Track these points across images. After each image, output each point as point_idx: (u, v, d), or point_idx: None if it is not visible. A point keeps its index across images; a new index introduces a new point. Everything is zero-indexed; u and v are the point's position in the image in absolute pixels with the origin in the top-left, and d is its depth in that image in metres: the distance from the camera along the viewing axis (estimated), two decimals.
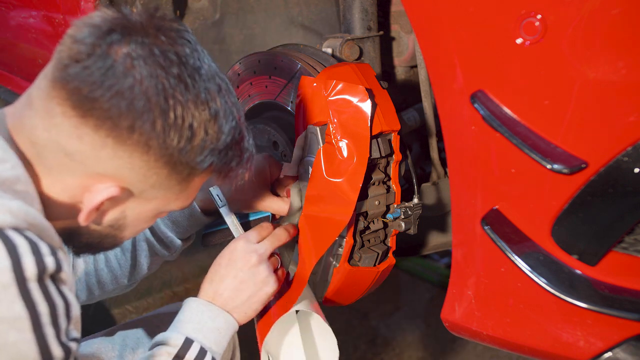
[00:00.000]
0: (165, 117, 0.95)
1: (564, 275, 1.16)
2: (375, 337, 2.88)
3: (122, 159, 0.97)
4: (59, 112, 0.95)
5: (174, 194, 1.05)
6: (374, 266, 1.39)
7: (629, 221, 1.11)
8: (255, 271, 1.24)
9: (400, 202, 1.37)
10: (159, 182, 1.01)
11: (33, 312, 0.85)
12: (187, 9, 2.11)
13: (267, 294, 1.25)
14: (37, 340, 0.85)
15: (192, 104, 0.96)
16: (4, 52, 2.33)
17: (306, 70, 1.41)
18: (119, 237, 1.10)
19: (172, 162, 0.98)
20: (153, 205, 1.05)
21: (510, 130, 1.11)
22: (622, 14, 1.00)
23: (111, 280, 1.46)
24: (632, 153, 1.04)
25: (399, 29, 1.70)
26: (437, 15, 1.16)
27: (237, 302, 1.22)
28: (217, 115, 0.99)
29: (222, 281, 1.23)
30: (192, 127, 0.97)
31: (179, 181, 1.02)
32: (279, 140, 1.49)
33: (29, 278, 0.84)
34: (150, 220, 1.10)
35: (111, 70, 0.93)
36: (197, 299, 1.22)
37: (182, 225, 1.42)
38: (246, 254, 1.24)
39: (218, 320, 1.20)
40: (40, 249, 0.86)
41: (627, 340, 1.15)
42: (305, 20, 2.04)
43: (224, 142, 1.01)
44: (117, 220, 1.06)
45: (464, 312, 1.30)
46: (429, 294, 3.18)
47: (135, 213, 1.05)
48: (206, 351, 1.15)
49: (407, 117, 1.63)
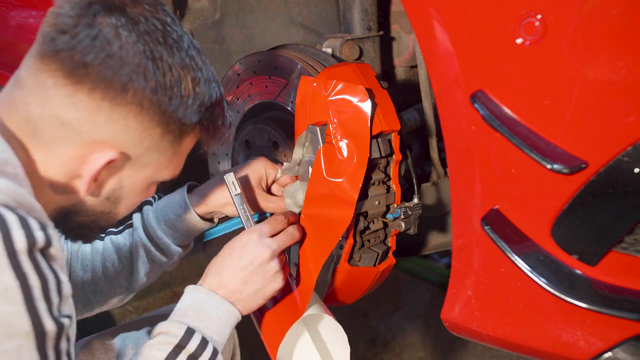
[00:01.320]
0: (156, 75, 0.99)
1: (564, 275, 1.16)
2: (375, 337, 2.88)
3: (117, 122, 0.99)
4: (51, 84, 0.97)
5: (166, 158, 1.08)
6: (374, 266, 1.39)
7: (629, 221, 1.11)
8: (266, 267, 1.22)
9: (400, 202, 1.37)
10: (153, 145, 1.04)
11: (24, 285, 0.85)
12: (187, 9, 2.11)
13: (274, 290, 1.24)
14: (29, 313, 0.85)
15: (178, 65, 1.02)
16: (4, 52, 2.33)
17: (306, 70, 1.41)
18: (113, 212, 1.11)
19: (165, 120, 1.02)
20: (147, 172, 1.08)
21: (510, 130, 1.11)
22: (622, 14, 1.00)
23: (108, 288, 1.43)
24: (632, 153, 1.04)
25: (399, 29, 1.70)
26: (437, 15, 1.16)
27: (243, 294, 1.21)
28: (201, 75, 1.05)
29: (230, 272, 1.21)
30: (180, 84, 1.02)
31: (172, 142, 1.06)
32: (279, 140, 1.49)
33: (19, 250, 0.85)
34: (144, 191, 1.12)
35: (99, 37, 0.96)
36: (198, 287, 1.21)
37: (179, 230, 1.41)
38: (259, 248, 1.22)
39: (220, 310, 1.18)
40: (29, 223, 0.87)
41: (627, 340, 1.15)
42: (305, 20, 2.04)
43: (210, 99, 1.06)
44: (115, 191, 1.07)
45: (464, 312, 1.30)
46: (429, 294, 3.18)
47: (131, 182, 1.07)
48: (208, 341, 1.14)
49: (407, 117, 1.63)
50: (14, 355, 0.85)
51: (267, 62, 1.50)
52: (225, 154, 1.69)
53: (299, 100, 1.35)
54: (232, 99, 1.62)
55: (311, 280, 1.28)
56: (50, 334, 0.88)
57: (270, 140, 1.51)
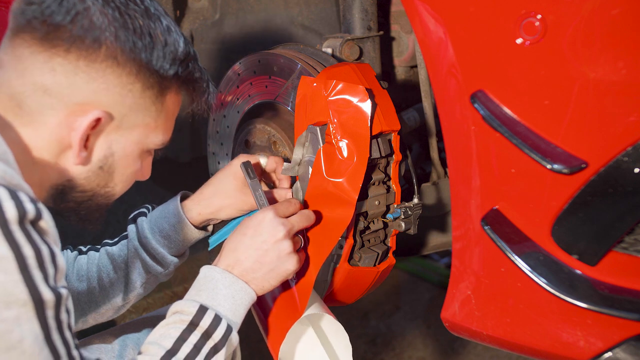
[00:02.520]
0: (126, 27, 1.04)
1: (564, 275, 1.16)
2: (375, 337, 2.88)
3: (96, 81, 1.03)
4: (27, 54, 1.01)
5: (152, 118, 1.11)
6: (374, 266, 1.39)
7: (629, 221, 1.11)
8: (280, 245, 1.20)
9: (400, 202, 1.37)
10: (136, 102, 1.08)
11: (18, 254, 0.86)
12: (187, 9, 2.11)
13: (288, 271, 1.22)
14: (25, 281, 0.86)
15: (146, 17, 1.06)
16: None
17: (306, 70, 1.41)
18: (109, 186, 1.13)
19: (142, 73, 1.06)
20: (135, 135, 1.10)
21: (510, 130, 1.11)
22: (622, 14, 1.00)
23: (103, 298, 1.43)
24: (632, 153, 1.04)
25: (399, 29, 1.70)
26: (437, 16, 1.16)
27: (258, 274, 1.20)
28: (170, 27, 1.09)
29: (246, 250, 1.20)
30: (151, 36, 1.06)
31: (154, 99, 1.10)
32: (279, 140, 1.49)
33: (10, 220, 0.86)
34: (137, 159, 1.14)
35: (65, 0, 1.01)
36: (212, 266, 1.20)
37: (174, 240, 1.41)
38: (274, 226, 1.21)
39: (233, 288, 1.18)
40: (19, 195, 0.88)
41: (627, 340, 1.15)
42: (305, 20, 2.04)
43: (183, 52, 1.10)
44: (106, 159, 1.09)
45: (464, 312, 1.30)
46: (429, 294, 3.18)
47: (121, 147, 1.10)
48: (221, 318, 1.13)
49: (407, 117, 1.64)
50: (14, 324, 0.86)
51: (267, 62, 1.50)
52: (226, 154, 1.69)
53: (299, 100, 1.35)
54: (232, 99, 1.62)
55: (310, 280, 1.28)
56: (49, 303, 0.89)
57: (270, 140, 1.51)
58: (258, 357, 1.34)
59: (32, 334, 0.88)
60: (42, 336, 0.89)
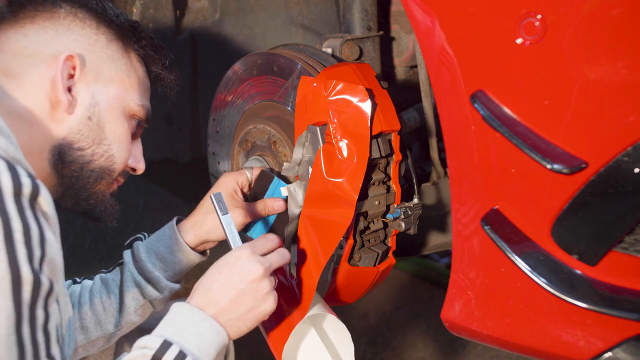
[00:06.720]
0: None
1: (564, 275, 1.16)
2: (375, 337, 2.88)
3: (64, 35, 1.19)
4: (4, 30, 1.17)
5: (124, 73, 1.25)
6: (374, 266, 1.39)
7: (629, 221, 1.11)
8: (258, 285, 1.14)
9: (400, 202, 1.37)
10: (105, 52, 1.23)
11: (6, 224, 0.85)
12: (187, 9, 2.11)
13: (265, 313, 1.15)
14: (8, 254, 0.85)
15: None
16: None
17: (306, 70, 1.41)
18: (104, 143, 1.21)
19: (103, 26, 1.24)
20: (114, 89, 1.23)
21: (510, 130, 1.11)
22: (622, 14, 1.00)
23: (95, 325, 1.39)
24: (632, 153, 1.04)
25: (399, 29, 1.70)
26: (437, 15, 1.16)
27: (234, 314, 1.13)
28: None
29: (219, 290, 1.13)
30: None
31: (121, 53, 1.26)
32: (279, 140, 1.49)
33: (4, 192, 0.86)
34: (121, 116, 1.24)
35: None
36: (182, 303, 1.13)
37: (170, 263, 1.39)
38: (251, 265, 1.14)
39: (202, 325, 1.10)
40: (17, 169, 0.89)
41: (627, 340, 1.15)
42: (305, 20, 2.04)
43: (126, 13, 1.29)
44: (92, 107, 1.19)
45: (464, 312, 1.30)
46: (429, 294, 3.18)
47: (104, 98, 1.21)
48: (186, 355, 1.05)
49: (407, 117, 1.64)
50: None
51: (267, 62, 1.50)
52: (226, 154, 1.69)
53: (299, 100, 1.35)
54: (232, 99, 1.62)
55: (313, 281, 1.28)
56: (26, 283, 0.86)
57: (270, 140, 1.51)
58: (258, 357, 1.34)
59: (5, 313, 0.84)
60: (14, 319, 0.85)
